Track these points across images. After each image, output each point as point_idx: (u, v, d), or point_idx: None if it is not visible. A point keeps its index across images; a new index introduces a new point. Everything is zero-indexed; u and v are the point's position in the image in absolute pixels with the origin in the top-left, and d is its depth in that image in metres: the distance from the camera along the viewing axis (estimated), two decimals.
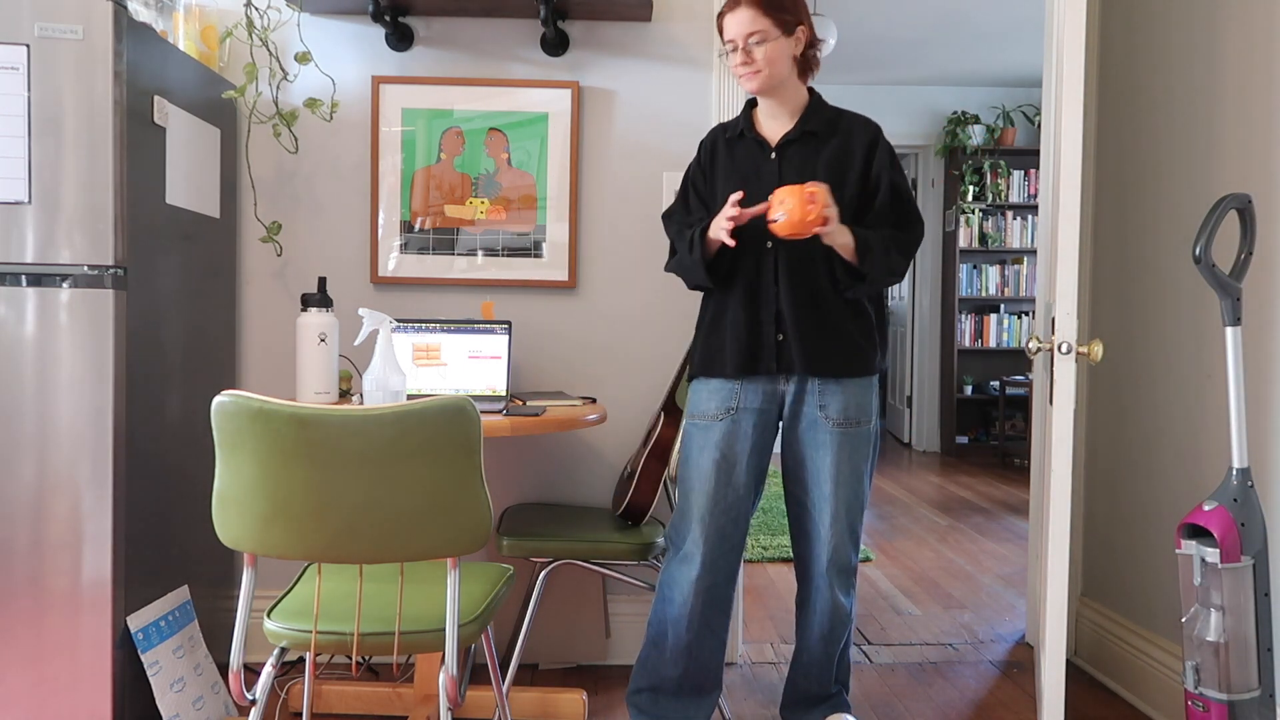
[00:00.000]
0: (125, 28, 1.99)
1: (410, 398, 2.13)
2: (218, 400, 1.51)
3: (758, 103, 2.09)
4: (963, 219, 6.78)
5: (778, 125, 2.05)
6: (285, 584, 2.72)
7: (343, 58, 2.70)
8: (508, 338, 2.39)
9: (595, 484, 2.76)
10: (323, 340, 2.20)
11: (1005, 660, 2.88)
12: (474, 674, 2.66)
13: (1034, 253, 6.89)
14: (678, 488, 2.17)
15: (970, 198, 6.78)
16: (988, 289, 6.90)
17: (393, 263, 2.71)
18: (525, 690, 2.40)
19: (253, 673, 2.63)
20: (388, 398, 2.02)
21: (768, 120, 2.06)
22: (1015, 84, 6.76)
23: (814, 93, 2.07)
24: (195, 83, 2.35)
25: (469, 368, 2.38)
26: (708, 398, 2.08)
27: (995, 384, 6.93)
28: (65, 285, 1.97)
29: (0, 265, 1.96)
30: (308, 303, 2.21)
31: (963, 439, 7.04)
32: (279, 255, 2.71)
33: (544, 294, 2.74)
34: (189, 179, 2.33)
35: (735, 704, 2.52)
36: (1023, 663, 2.86)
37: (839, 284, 2.00)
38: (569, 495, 2.76)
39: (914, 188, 7.29)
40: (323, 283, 2.25)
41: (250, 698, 1.64)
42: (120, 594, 2.02)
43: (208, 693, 2.24)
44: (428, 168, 2.70)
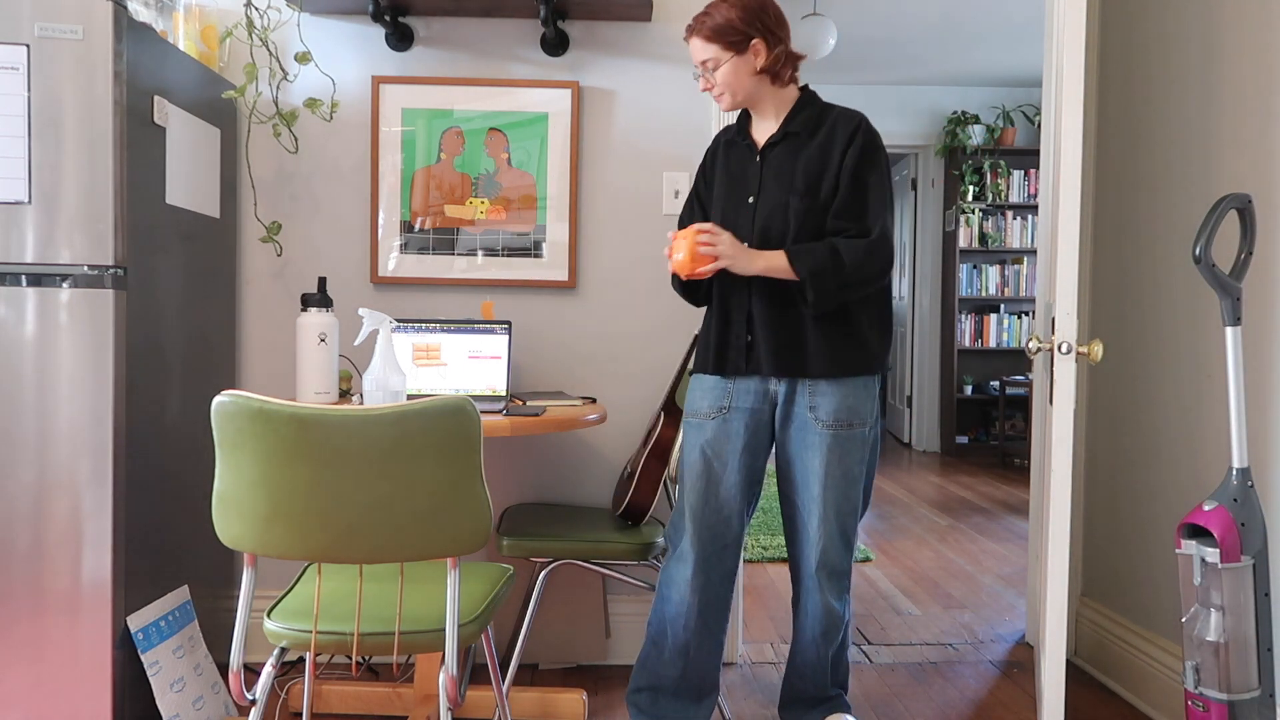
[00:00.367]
0: (125, 28, 1.99)
1: (410, 398, 2.13)
2: (218, 400, 1.51)
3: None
4: (963, 219, 6.78)
5: (765, 128, 2.09)
6: (285, 584, 2.72)
7: (343, 58, 2.70)
8: (508, 338, 2.39)
9: (595, 484, 2.76)
10: (323, 340, 2.20)
11: (1005, 660, 2.88)
12: (474, 674, 2.66)
13: (1034, 253, 6.89)
14: (677, 487, 2.18)
15: (970, 198, 6.78)
16: (988, 289, 6.90)
17: (393, 263, 2.71)
18: (525, 690, 2.40)
19: (253, 673, 2.63)
20: (388, 398, 2.02)
21: (758, 124, 2.11)
22: (1015, 84, 6.77)
23: (805, 91, 2.08)
24: (195, 83, 2.35)
25: (469, 368, 2.38)
26: (701, 396, 2.10)
27: (995, 384, 6.93)
28: (65, 285, 1.97)
29: (0, 265, 1.96)
30: (308, 303, 2.21)
31: (963, 439, 7.04)
32: (279, 255, 2.71)
33: (544, 294, 2.74)
34: (189, 179, 2.33)
35: (735, 704, 2.52)
36: (1023, 663, 2.86)
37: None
38: (569, 495, 2.76)
39: (913, 187, 7.29)
40: (323, 283, 2.25)
41: (250, 698, 1.64)
42: (120, 594, 2.02)
43: (208, 693, 2.24)
44: (428, 168, 2.70)
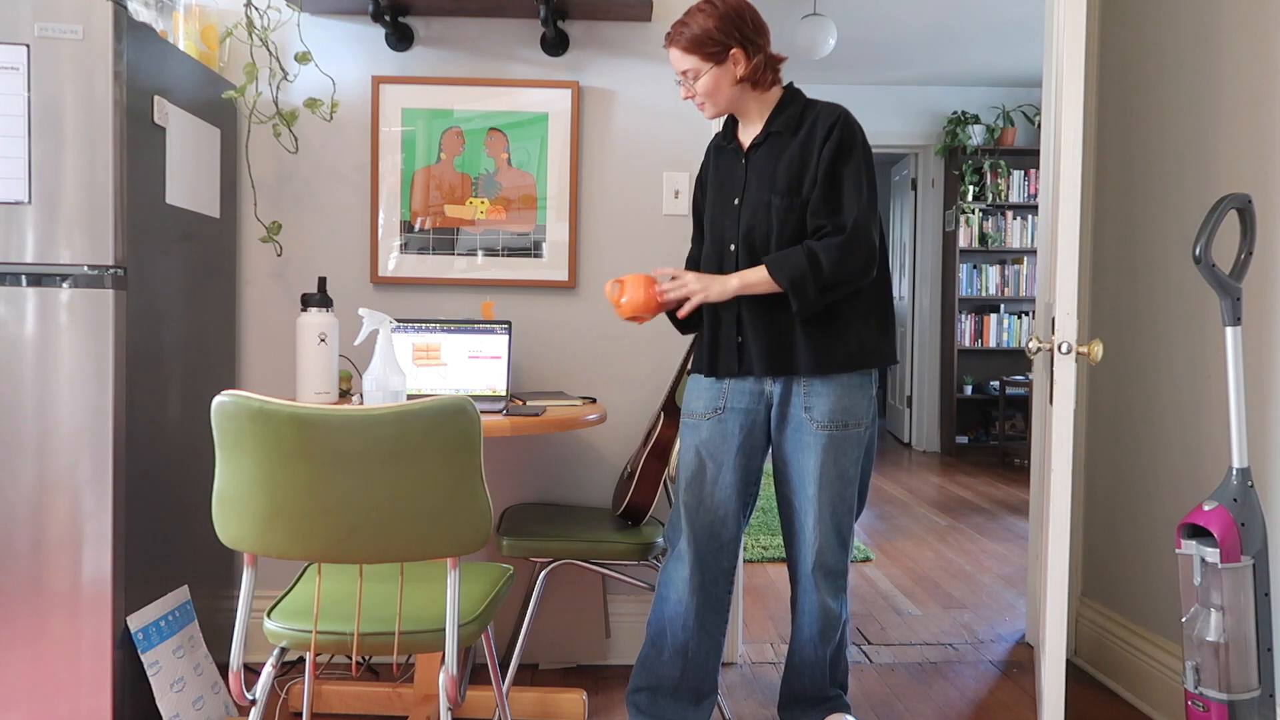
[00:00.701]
0: (125, 28, 1.99)
1: (410, 398, 2.13)
2: (218, 400, 1.51)
3: None
4: (963, 219, 6.78)
5: (751, 130, 2.09)
6: (285, 584, 2.72)
7: (343, 58, 2.70)
8: (508, 338, 2.39)
9: (595, 484, 2.76)
10: (323, 340, 2.20)
11: (1005, 660, 2.88)
12: (474, 674, 2.66)
13: (1034, 253, 6.89)
14: (674, 489, 2.18)
15: (970, 198, 6.78)
16: (988, 289, 6.90)
17: (393, 263, 2.71)
18: (525, 690, 2.40)
19: (253, 673, 2.63)
20: (388, 398, 2.02)
21: (744, 127, 2.11)
22: (1015, 84, 6.77)
23: (788, 89, 2.08)
24: (195, 83, 2.35)
25: (469, 368, 2.38)
26: (697, 397, 2.11)
27: (995, 384, 6.93)
28: (65, 285, 1.97)
29: (0, 265, 1.96)
30: (308, 303, 2.21)
31: (963, 439, 7.04)
32: (279, 255, 2.71)
33: (544, 294, 2.74)
34: (189, 179, 2.33)
35: (735, 704, 2.52)
36: (1023, 663, 2.86)
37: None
38: (569, 495, 2.76)
39: (913, 187, 7.28)
40: (323, 283, 2.25)
41: (250, 698, 1.64)
42: (120, 594, 2.02)
43: (208, 693, 2.24)
44: (428, 168, 2.70)
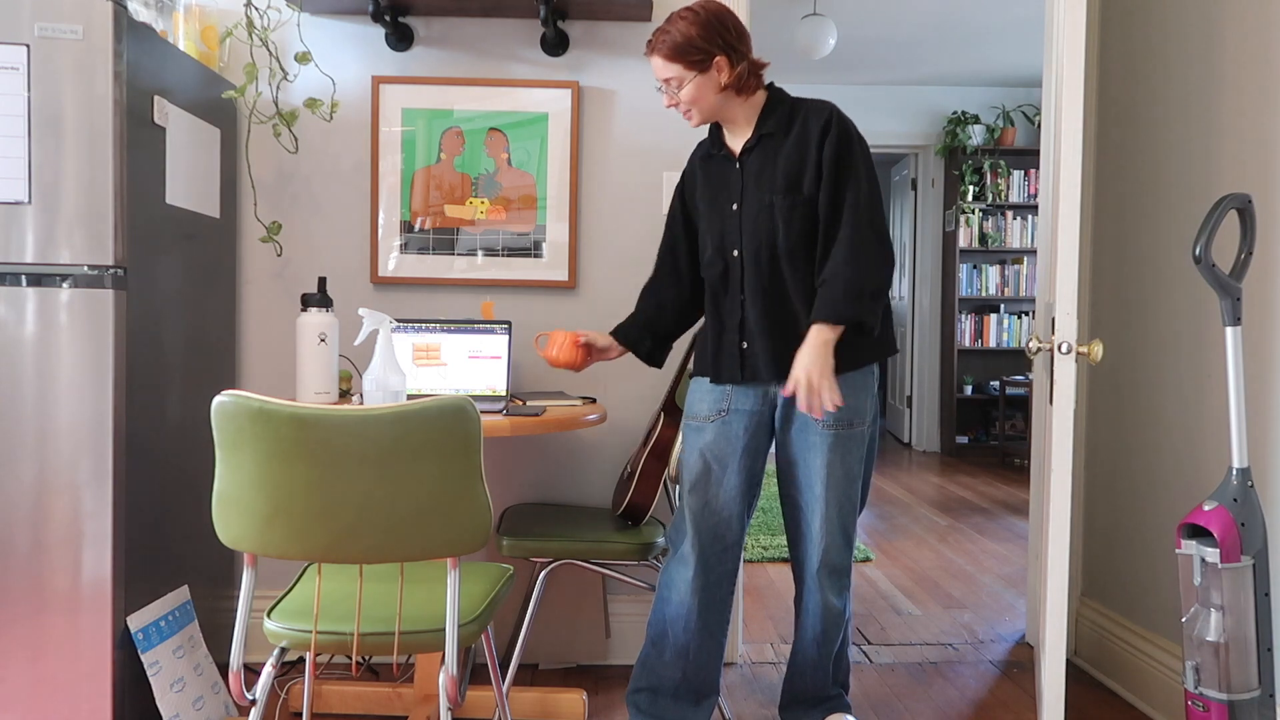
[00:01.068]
0: (125, 28, 1.99)
1: (410, 398, 2.13)
2: (218, 400, 1.51)
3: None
4: (963, 219, 6.78)
5: (740, 136, 2.07)
6: (285, 584, 2.72)
7: (343, 58, 2.70)
8: (508, 338, 2.39)
9: (595, 484, 2.76)
10: (323, 340, 2.20)
11: (1005, 660, 2.88)
12: (474, 674, 2.66)
13: (1034, 253, 6.89)
14: (677, 490, 2.17)
15: (970, 198, 6.78)
16: (988, 289, 6.90)
17: (393, 263, 2.71)
18: (525, 690, 2.40)
19: (253, 673, 2.63)
20: (388, 398, 2.02)
21: (731, 134, 2.09)
22: (1015, 84, 6.77)
23: (772, 90, 2.06)
24: (195, 83, 2.35)
25: (469, 368, 2.38)
26: (700, 399, 2.10)
27: (995, 384, 6.93)
28: (65, 285, 1.97)
29: (0, 265, 1.96)
30: (308, 303, 2.21)
31: (963, 439, 7.04)
32: (279, 255, 2.71)
33: (544, 294, 2.74)
34: (189, 179, 2.33)
35: (735, 704, 2.52)
36: (1023, 663, 2.86)
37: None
38: (569, 495, 2.75)
39: (913, 188, 7.28)
40: (323, 283, 2.25)
41: (250, 698, 1.64)
42: (120, 594, 2.02)
43: (208, 693, 2.24)
44: (428, 168, 2.70)
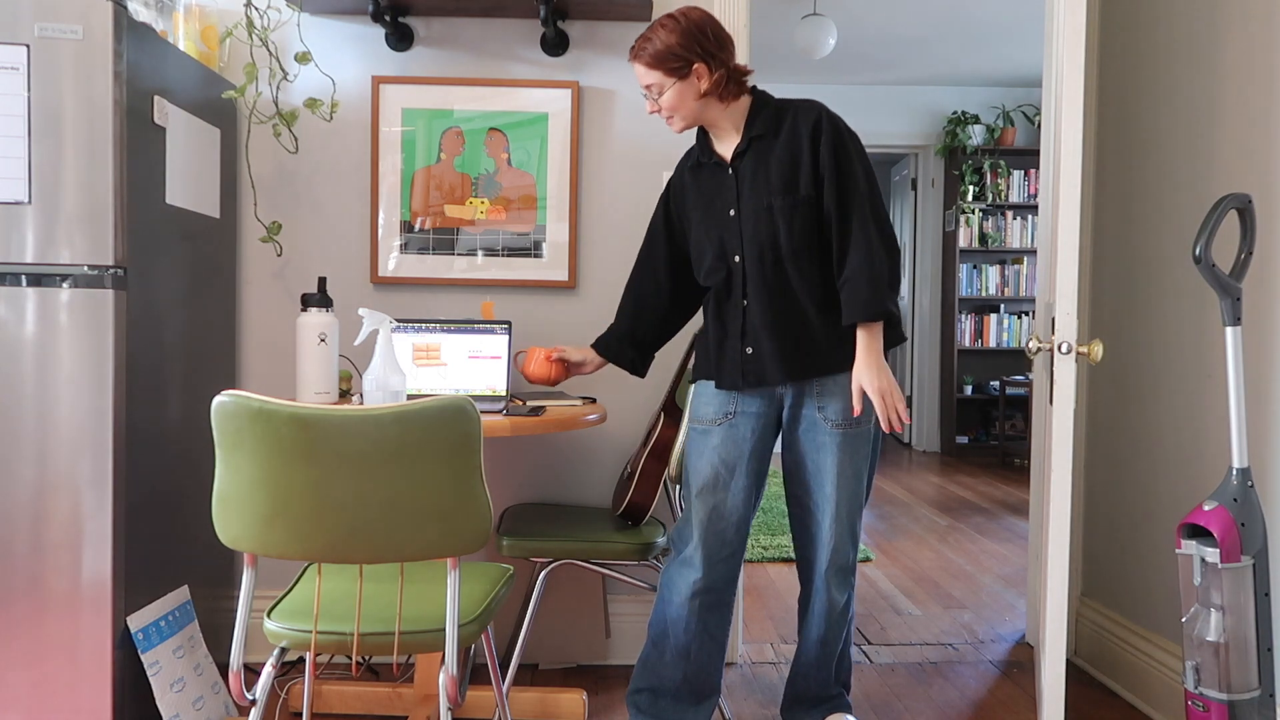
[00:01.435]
0: (125, 28, 1.99)
1: (410, 398, 2.13)
2: (218, 400, 1.51)
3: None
4: (963, 219, 6.78)
5: (729, 142, 2.06)
6: (285, 584, 2.72)
7: (343, 58, 2.70)
8: (508, 338, 2.39)
9: (595, 484, 2.76)
10: (323, 340, 2.20)
11: (1005, 660, 2.88)
12: (474, 674, 2.66)
13: (1034, 253, 6.89)
14: (681, 492, 2.17)
15: (970, 198, 6.78)
16: (988, 289, 6.90)
17: (393, 263, 2.71)
18: (525, 690, 2.40)
19: (253, 673, 2.63)
20: (388, 398, 2.02)
21: (719, 140, 2.08)
22: (1015, 84, 6.77)
23: (756, 93, 2.05)
24: (195, 83, 2.35)
25: (469, 368, 2.38)
26: (707, 402, 2.09)
27: (995, 384, 6.93)
28: (65, 285, 1.97)
29: (0, 265, 1.96)
30: (308, 303, 2.21)
31: (963, 439, 7.04)
32: (279, 255, 2.71)
33: (544, 294, 2.74)
34: (189, 179, 2.33)
35: (735, 704, 2.52)
36: (1023, 663, 2.86)
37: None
38: (569, 495, 2.75)
39: (913, 188, 7.28)
40: (323, 283, 2.25)
41: (250, 698, 1.64)
42: (120, 594, 2.02)
43: (208, 693, 2.24)
44: (428, 168, 2.70)
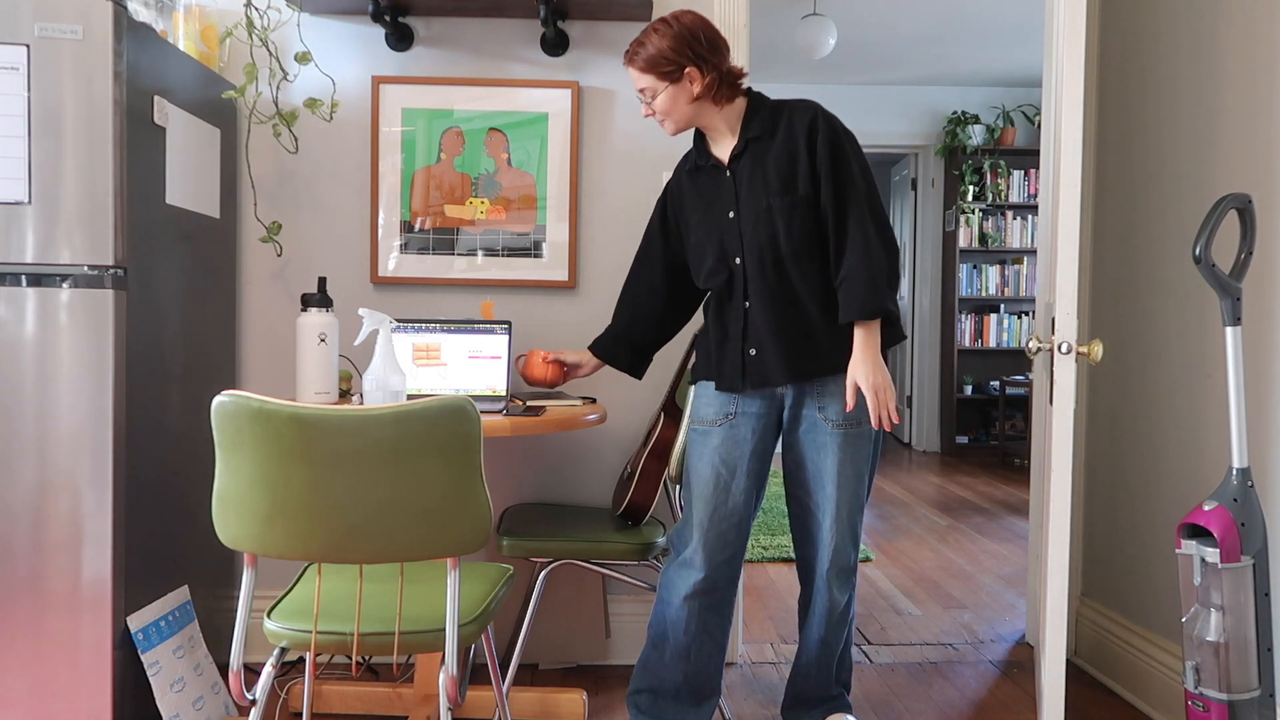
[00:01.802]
0: (125, 28, 1.99)
1: (410, 398, 2.13)
2: (218, 400, 1.51)
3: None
4: (963, 219, 6.78)
5: (725, 144, 2.06)
6: (285, 584, 2.72)
7: (343, 58, 2.70)
8: (508, 338, 2.39)
9: (595, 484, 2.76)
10: (323, 340, 2.20)
11: (1005, 660, 2.88)
12: (474, 674, 2.66)
13: (1034, 253, 6.89)
14: (681, 493, 2.17)
15: (970, 198, 6.78)
16: (988, 289, 6.90)
17: (393, 263, 2.71)
18: (525, 690, 2.40)
19: (253, 673, 2.63)
20: (388, 398, 2.02)
21: (715, 143, 2.08)
22: (1015, 84, 6.77)
23: (752, 95, 2.06)
24: (195, 83, 2.35)
25: (469, 368, 2.38)
26: (708, 403, 2.09)
27: (995, 384, 6.93)
28: (65, 285, 1.97)
29: (0, 265, 1.96)
30: (308, 303, 2.21)
31: (963, 439, 7.04)
32: (279, 255, 2.71)
33: (544, 294, 2.74)
34: (189, 179, 2.33)
35: (735, 704, 2.52)
36: (1023, 663, 2.86)
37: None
38: (569, 495, 2.75)
39: (913, 188, 7.28)
40: (323, 283, 2.25)
41: (250, 698, 1.64)
42: (120, 594, 2.02)
43: (208, 693, 2.24)
44: (428, 168, 2.70)
